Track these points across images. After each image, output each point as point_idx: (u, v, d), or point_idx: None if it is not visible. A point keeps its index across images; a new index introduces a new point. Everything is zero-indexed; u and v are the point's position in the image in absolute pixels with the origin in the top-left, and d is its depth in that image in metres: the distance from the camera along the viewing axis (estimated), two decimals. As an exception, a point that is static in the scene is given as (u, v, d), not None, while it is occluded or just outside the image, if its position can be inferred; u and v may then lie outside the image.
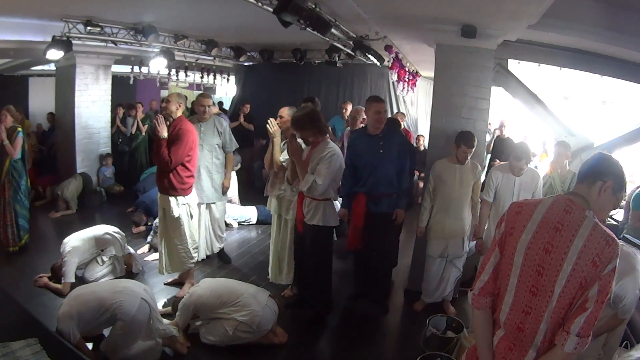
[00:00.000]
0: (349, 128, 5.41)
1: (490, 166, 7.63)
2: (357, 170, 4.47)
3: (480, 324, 2.08)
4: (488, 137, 7.81)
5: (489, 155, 7.92)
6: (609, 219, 6.42)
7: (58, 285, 4.61)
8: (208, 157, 5.27)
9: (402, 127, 6.88)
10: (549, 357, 1.85)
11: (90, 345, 3.56)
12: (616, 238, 1.80)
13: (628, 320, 3.41)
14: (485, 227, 4.66)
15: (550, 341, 1.86)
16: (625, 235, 3.50)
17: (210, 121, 5.23)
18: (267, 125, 4.46)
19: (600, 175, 1.90)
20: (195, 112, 5.46)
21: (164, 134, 4.38)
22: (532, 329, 1.89)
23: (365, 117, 5.06)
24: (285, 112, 4.66)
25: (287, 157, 4.26)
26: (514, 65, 6.53)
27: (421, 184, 6.59)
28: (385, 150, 4.39)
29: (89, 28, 6.11)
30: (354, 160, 4.47)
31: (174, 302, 4.17)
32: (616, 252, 1.76)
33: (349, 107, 7.42)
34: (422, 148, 8.95)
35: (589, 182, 1.92)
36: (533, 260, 1.88)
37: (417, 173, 8.10)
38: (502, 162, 5.79)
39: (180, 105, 4.57)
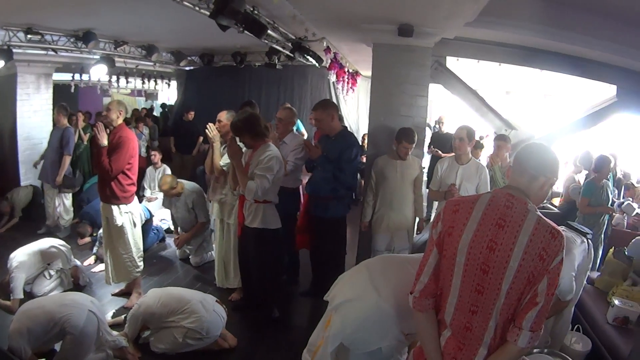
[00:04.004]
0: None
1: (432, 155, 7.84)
2: None
3: (424, 326, 2.03)
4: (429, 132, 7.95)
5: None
6: (551, 207, 6.67)
7: (7, 302, 4.43)
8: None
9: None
10: (503, 353, 1.84)
11: (42, 362, 3.50)
12: (560, 230, 1.80)
13: (574, 303, 3.50)
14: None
15: (501, 337, 1.85)
16: (569, 222, 3.62)
17: (181, 198, 5.73)
18: (206, 130, 4.43)
19: (545, 171, 1.87)
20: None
21: (104, 142, 4.31)
22: (481, 327, 1.86)
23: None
24: (224, 116, 4.62)
25: (228, 161, 4.20)
26: (452, 62, 6.68)
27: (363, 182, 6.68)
28: (328, 152, 4.43)
29: (29, 36, 5.98)
30: None
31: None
32: (562, 245, 1.77)
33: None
34: (366, 147, 8.90)
35: (531, 176, 1.88)
36: (477, 259, 1.83)
37: None
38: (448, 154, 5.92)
39: (121, 113, 4.49)
